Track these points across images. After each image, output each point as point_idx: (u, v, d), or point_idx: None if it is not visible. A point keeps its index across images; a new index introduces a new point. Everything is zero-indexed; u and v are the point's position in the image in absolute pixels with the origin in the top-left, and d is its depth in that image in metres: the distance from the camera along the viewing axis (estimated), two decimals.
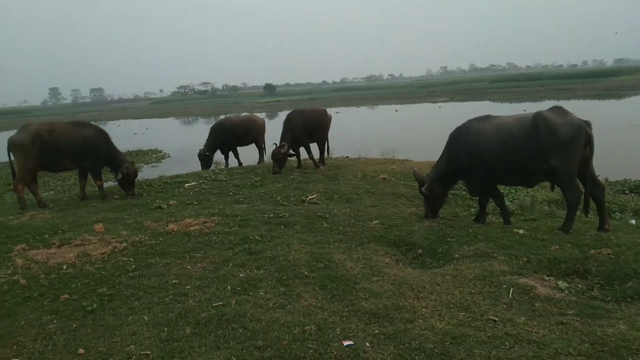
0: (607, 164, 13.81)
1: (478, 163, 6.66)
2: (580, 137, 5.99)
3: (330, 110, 13.50)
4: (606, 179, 11.57)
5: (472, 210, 8.02)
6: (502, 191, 9.30)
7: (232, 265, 5.45)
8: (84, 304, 4.62)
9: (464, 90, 74.80)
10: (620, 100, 44.58)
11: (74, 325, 4.21)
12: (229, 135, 14.14)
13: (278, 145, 11.40)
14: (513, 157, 6.34)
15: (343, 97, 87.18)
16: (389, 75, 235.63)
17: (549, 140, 6.04)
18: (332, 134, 12.77)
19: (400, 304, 4.30)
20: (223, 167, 14.46)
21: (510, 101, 49.66)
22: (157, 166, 20.64)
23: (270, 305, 4.37)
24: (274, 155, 11.46)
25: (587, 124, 6.13)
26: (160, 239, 6.54)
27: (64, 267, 5.60)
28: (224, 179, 11.17)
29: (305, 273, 5.10)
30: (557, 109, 6.34)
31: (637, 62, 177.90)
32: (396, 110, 49.81)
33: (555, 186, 6.60)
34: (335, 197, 8.85)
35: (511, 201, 8.52)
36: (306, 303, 4.41)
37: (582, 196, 6.24)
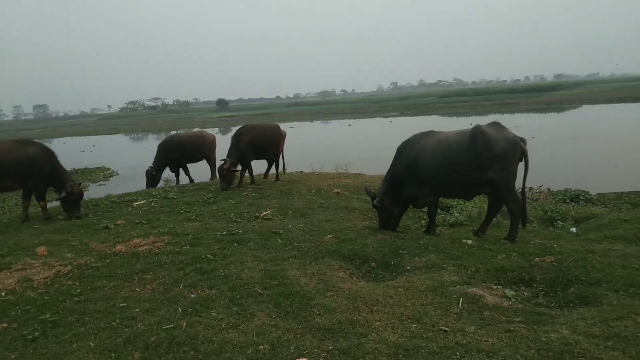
0: (549, 175, 14.51)
1: (421, 176, 6.88)
2: (515, 152, 6.36)
3: (284, 125, 13.55)
4: (548, 189, 12.15)
5: (422, 222, 8.20)
6: (452, 204, 9.63)
7: (183, 286, 5.30)
8: (25, 332, 4.36)
9: (414, 105, 76.80)
10: (560, 114, 47.05)
11: (13, 357, 3.96)
12: (178, 152, 13.85)
13: (222, 161, 11.29)
14: (454, 170, 6.60)
15: (297, 112, 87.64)
16: (341, 90, 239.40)
17: (486, 153, 6.36)
18: (286, 149, 12.78)
19: (354, 318, 4.31)
20: (174, 184, 14.14)
21: (458, 115, 51.39)
22: (104, 185, 19.93)
23: (223, 325, 4.28)
24: (219, 171, 11.34)
25: (522, 140, 6.49)
26: (107, 260, 6.29)
27: (3, 293, 5.26)
28: (175, 197, 10.92)
29: (259, 291, 5.03)
30: (494, 124, 6.68)
31: (574, 78, 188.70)
32: (349, 125, 50.49)
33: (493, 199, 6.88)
34: (290, 212, 8.82)
35: (460, 213, 8.76)
36: (260, 322, 4.34)
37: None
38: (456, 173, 6.62)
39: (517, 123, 35.28)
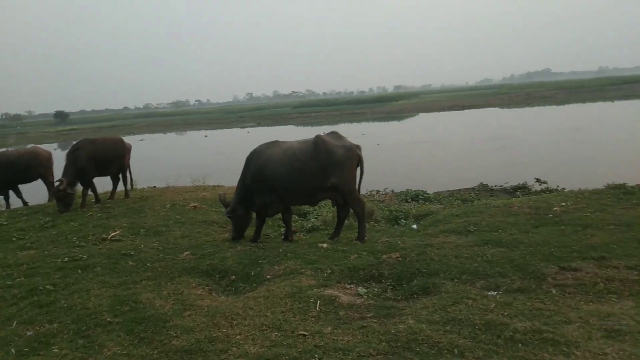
0: (393, 177, 15.81)
1: (269, 185, 7.08)
2: (352, 158, 6.98)
3: (133, 138, 12.76)
4: (392, 191, 13.23)
5: (281, 230, 8.33)
6: (308, 210, 9.96)
7: (17, 323, 4.69)
8: None
9: (270, 115, 78.08)
10: (401, 122, 51.69)
11: None
12: (6, 172, 12.16)
13: (58, 182, 10.23)
14: (299, 177, 6.92)
15: (148, 123, 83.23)
16: (196, 100, 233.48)
17: (328, 160, 6.85)
18: (136, 163, 12.02)
19: (214, 335, 4.20)
20: (3, 209, 12.38)
21: (312, 125, 53.46)
22: None
23: None
24: (54, 193, 10.23)
25: (358, 147, 7.14)
26: None
27: None
28: (5, 223, 9.58)
29: (109, 319, 4.65)
30: (333, 134, 7.29)
31: (411, 89, 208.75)
32: (206, 136, 49.45)
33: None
34: (142, 231, 8.30)
35: (316, 218, 9.10)
36: (110, 352, 4.01)
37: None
38: (301, 180, 6.94)
39: (364, 131, 37.96)
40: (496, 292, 4.78)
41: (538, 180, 13.41)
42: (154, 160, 25.12)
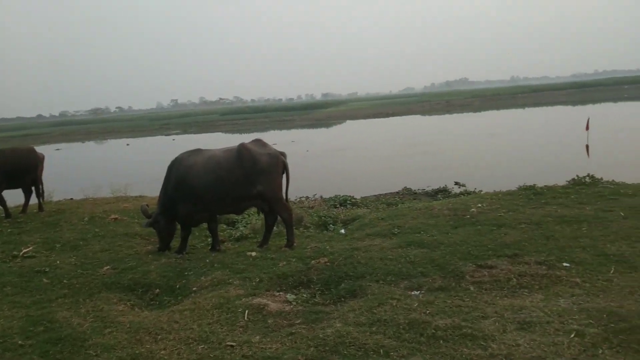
0: (321, 183, 16.01)
1: (192, 194, 6.94)
2: (277, 165, 7.00)
3: (48, 147, 11.99)
4: (321, 197, 13.39)
5: (208, 240, 8.16)
6: (237, 218, 9.83)
7: None
8: None
9: (197, 122, 76.34)
10: (329, 129, 52.45)
11: None
12: None
13: None
14: (224, 186, 6.85)
15: (64, 131, 78.43)
16: (117, 107, 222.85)
17: (253, 168, 6.83)
18: (51, 174, 11.28)
19: (137, 352, 4.03)
20: None
21: (241, 132, 52.89)
22: None
23: None
24: None
25: (282, 154, 7.16)
26: None
27: None
28: None
29: (20, 342, 4.33)
30: (257, 141, 7.25)
31: (338, 97, 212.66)
32: (127, 144, 47.40)
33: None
34: (58, 246, 7.81)
35: (245, 226, 9.00)
36: None
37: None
38: (225, 189, 6.87)
39: (293, 138, 38.17)
40: (419, 292, 4.98)
41: (457, 183, 14.12)
42: (72, 171, 23.72)
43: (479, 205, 8.23)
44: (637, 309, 4.04)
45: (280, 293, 5.33)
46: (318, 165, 22.72)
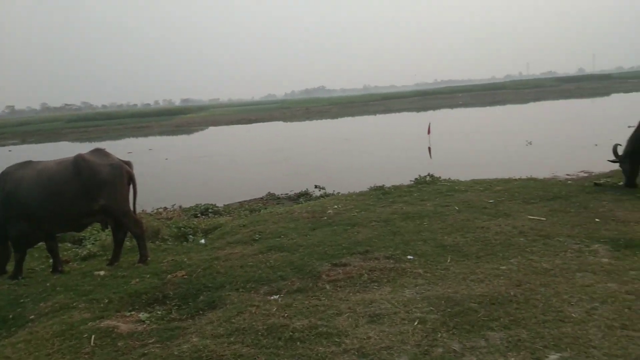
0: (181, 192, 15.44)
1: (22, 211, 6.24)
2: (122, 176, 6.56)
3: None
4: (180, 207, 12.88)
5: (50, 261, 7.34)
6: (84, 235, 9.00)
7: None
8: None
9: (38, 131, 68.44)
10: (190, 135, 50.77)
11: None
12: None
13: None
14: (59, 202, 6.26)
15: None
16: None
17: (93, 181, 6.33)
18: None
19: None
20: None
21: (91, 140, 48.63)
22: None
23: None
24: None
25: (128, 163, 6.77)
26: None
27: None
28: None
29: None
30: (97, 151, 6.74)
31: (199, 102, 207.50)
32: None
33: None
34: None
35: (93, 244, 8.28)
36: None
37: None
38: (60, 205, 6.27)
39: (151, 146, 36.27)
40: (278, 296, 5.03)
41: (317, 186, 14.63)
42: None
43: (335, 206, 8.62)
44: (469, 293, 4.55)
45: (133, 313, 4.98)
46: (178, 173, 21.86)
